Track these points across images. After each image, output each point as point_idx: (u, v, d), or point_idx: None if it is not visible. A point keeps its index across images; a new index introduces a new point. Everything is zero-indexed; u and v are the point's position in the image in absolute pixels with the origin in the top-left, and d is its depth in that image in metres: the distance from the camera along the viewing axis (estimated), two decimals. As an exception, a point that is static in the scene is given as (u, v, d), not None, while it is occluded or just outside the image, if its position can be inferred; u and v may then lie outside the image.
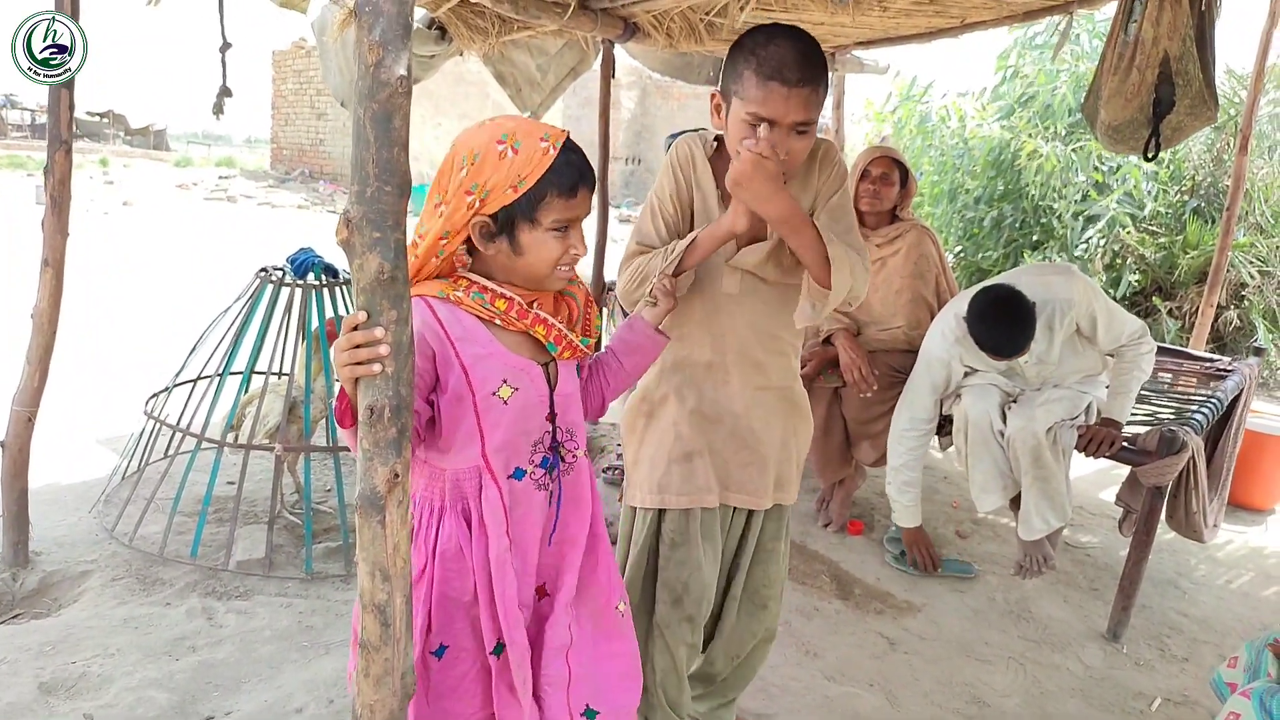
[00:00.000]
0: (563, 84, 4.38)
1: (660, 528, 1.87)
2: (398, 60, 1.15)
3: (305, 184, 15.88)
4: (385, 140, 1.15)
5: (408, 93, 1.16)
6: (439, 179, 1.38)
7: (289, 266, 3.07)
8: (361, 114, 1.15)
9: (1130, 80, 3.02)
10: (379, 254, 1.17)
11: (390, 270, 1.18)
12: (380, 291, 1.18)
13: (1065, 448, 2.96)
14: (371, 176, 1.16)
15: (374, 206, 1.17)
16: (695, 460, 1.83)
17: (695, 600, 1.87)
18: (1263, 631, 3.08)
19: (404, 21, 1.15)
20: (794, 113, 1.54)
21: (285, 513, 3.14)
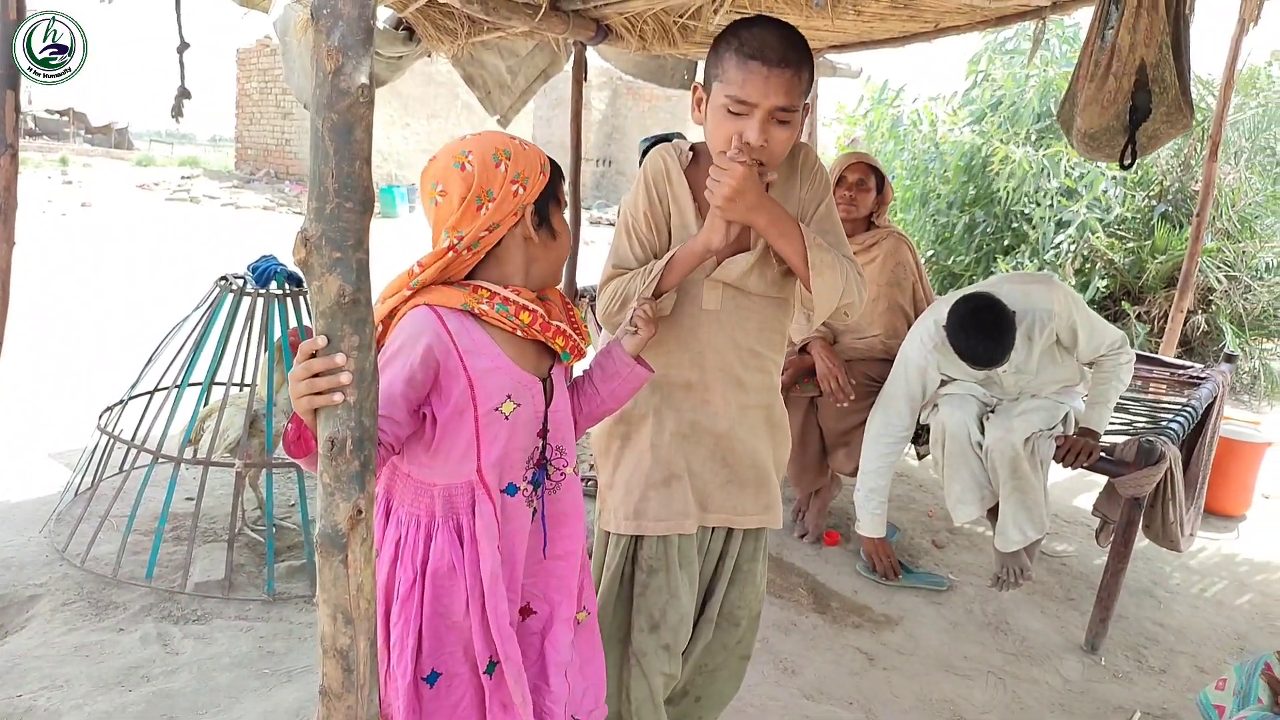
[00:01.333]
0: (533, 87, 4.30)
1: (636, 554, 1.80)
2: (358, 68, 1.07)
3: (271, 185, 15.63)
4: (345, 153, 1.07)
5: (369, 103, 1.08)
6: (469, 183, 1.33)
7: (250, 274, 2.97)
8: (320, 125, 1.07)
9: (1107, 87, 3.00)
10: (339, 275, 1.10)
11: (352, 293, 1.10)
12: (341, 315, 1.10)
13: (1043, 459, 2.93)
14: (331, 192, 1.08)
15: (334, 224, 1.09)
16: (674, 484, 1.76)
17: (672, 628, 1.81)
18: (1239, 642, 3.10)
19: (365, 26, 1.08)
20: (774, 95, 1.48)
21: (246, 530, 3.03)
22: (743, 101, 1.49)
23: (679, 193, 1.69)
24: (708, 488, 1.80)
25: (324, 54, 1.06)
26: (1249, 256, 5.82)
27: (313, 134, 1.08)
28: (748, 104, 1.49)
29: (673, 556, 1.77)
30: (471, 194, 1.33)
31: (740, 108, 1.50)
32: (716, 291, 1.70)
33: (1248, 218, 5.80)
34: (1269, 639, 3.10)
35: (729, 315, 1.71)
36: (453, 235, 1.33)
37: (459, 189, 1.33)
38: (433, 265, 1.32)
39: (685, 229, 1.69)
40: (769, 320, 1.76)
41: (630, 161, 16.74)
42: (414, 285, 1.32)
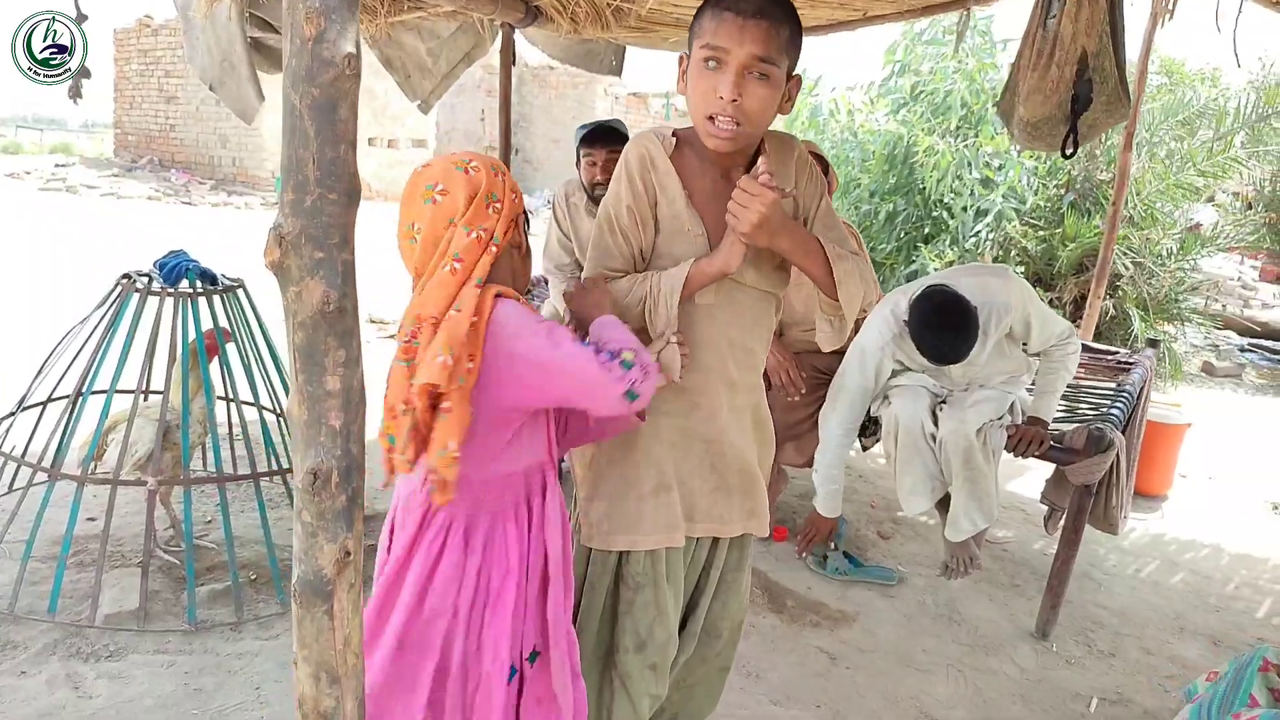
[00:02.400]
0: (456, 71, 4.09)
1: (621, 570, 1.68)
2: (344, 34, 0.91)
3: (155, 173, 14.73)
4: (329, 135, 0.91)
5: (356, 75, 0.92)
6: (475, 185, 1.34)
7: (158, 272, 2.70)
8: (297, 102, 0.90)
9: (1049, 76, 3.01)
10: (322, 279, 0.94)
11: (338, 299, 0.94)
12: (325, 326, 0.94)
13: (995, 448, 2.92)
14: (312, 181, 0.92)
15: (316, 219, 0.93)
16: (662, 494, 1.64)
17: (660, 647, 1.69)
18: (1178, 622, 3.17)
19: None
20: (749, 43, 1.39)
21: (160, 551, 2.77)
22: (716, 48, 1.41)
23: (667, 181, 1.56)
24: (695, 496, 1.69)
25: (301, 17, 0.90)
26: (1153, 243, 6.05)
27: (288, 113, 0.92)
28: (721, 50, 1.41)
29: (660, 572, 1.66)
30: (480, 194, 1.33)
31: (715, 54, 1.41)
32: (711, 284, 1.57)
33: (1151, 206, 6.03)
34: (1205, 617, 3.18)
35: (723, 310, 1.59)
36: (475, 229, 1.31)
37: (465, 189, 1.32)
38: (480, 262, 1.31)
39: (676, 219, 1.56)
40: (761, 315, 1.66)
41: (537, 150, 16.48)
42: (481, 283, 1.30)
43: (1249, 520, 4.18)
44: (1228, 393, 6.32)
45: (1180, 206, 6.18)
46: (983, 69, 5.89)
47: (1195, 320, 6.44)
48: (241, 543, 2.90)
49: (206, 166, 14.71)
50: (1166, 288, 6.00)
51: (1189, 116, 6.52)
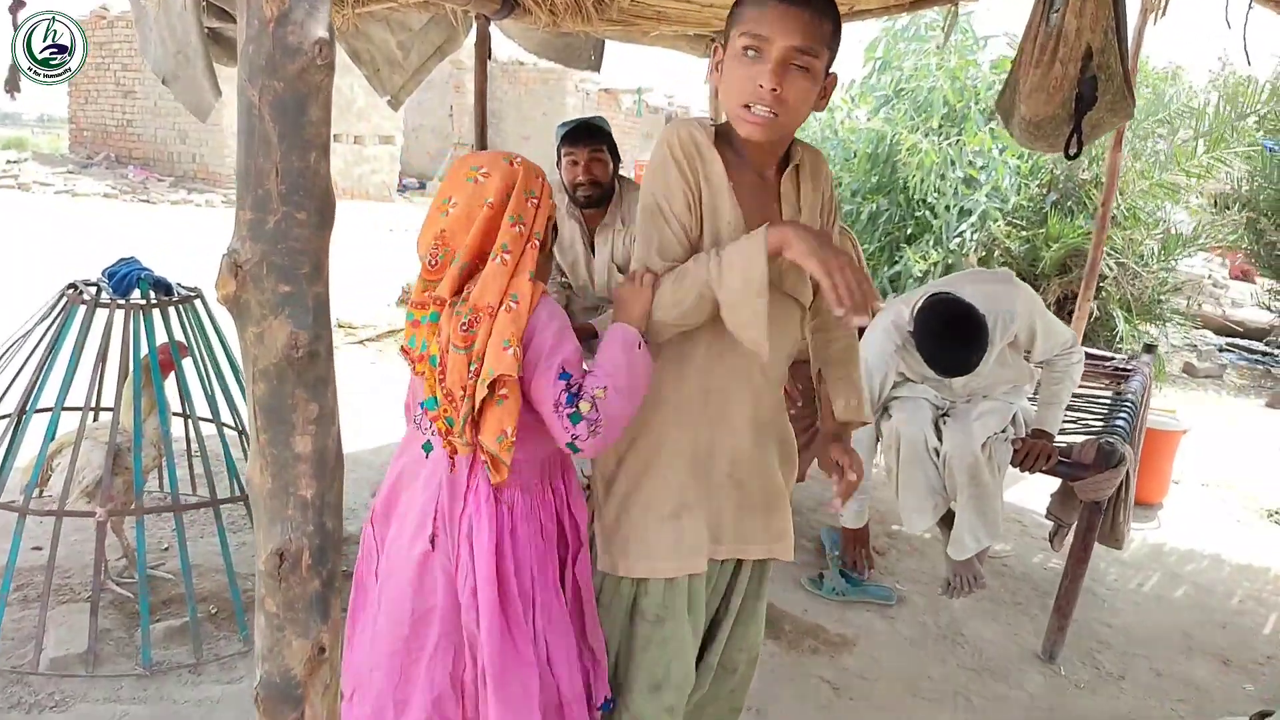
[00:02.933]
0: (428, 65, 3.88)
1: (637, 601, 1.54)
2: (313, 14, 0.74)
3: (111, 170, 14.28)
4: (295, 140, 0.74)
5: (329, 66, 0.75)
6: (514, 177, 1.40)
7: (106, 281, 2.49)
8: (255, 99, 0.73)
9: (1052, 74, 2.88)
10: (289, 318, 0.76)
11: (308, 342, 0.77)
12: (293, 377, 0.77)
13: (1000, 463, 2.80)
14: (275, 197, 0.74)
15: (280, 244, 0.75)
16: (684, 516, 1.51)
17: (677, 687, 1.56)
18: (1186, 640, 3.07)
19: (324, -47, 0.74)
20: (792, 33, 1.30)
21: (111, 584, 2.56)
22: (757, 36, 1.31)
23: (712, 170, 1.42)
24: (719, 515, 1.56)
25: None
26: (1136, 244, 5.99)
27: (244, 112, 0.74)
28: (763, 39, 1.31)
29: (681, 605, 1.53)
30: (519, 186, 1.38)
31: (756, 43, 1.32)
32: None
33: (1134, 206, 5.96)
34: (1212, 634, 3.08)
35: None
36: (518, 222, 1.37)
37: (505, 177, 1.38)
38: (526, 254, 1.38)
39: (716, 212, 1.43)
40: (791, 323, 1.56)
41: (509, 146, 16.20)
42: (533, 275, 1.37)
43: (1245, 529, 4.11)
44: (1210, 394, 6.29)
45: (1163, 207, 6.12)
46: (965, 66, 5.79)
47: (1176, 321, 6.40)
48: (201, 572, 2.70)
49: (165, 163, 14.30)
50: (1150, 289, 5.94)
51: (1169, 115, 6.47)
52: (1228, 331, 7.91)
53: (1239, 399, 6.28)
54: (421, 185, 15.97)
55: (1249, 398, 6.35)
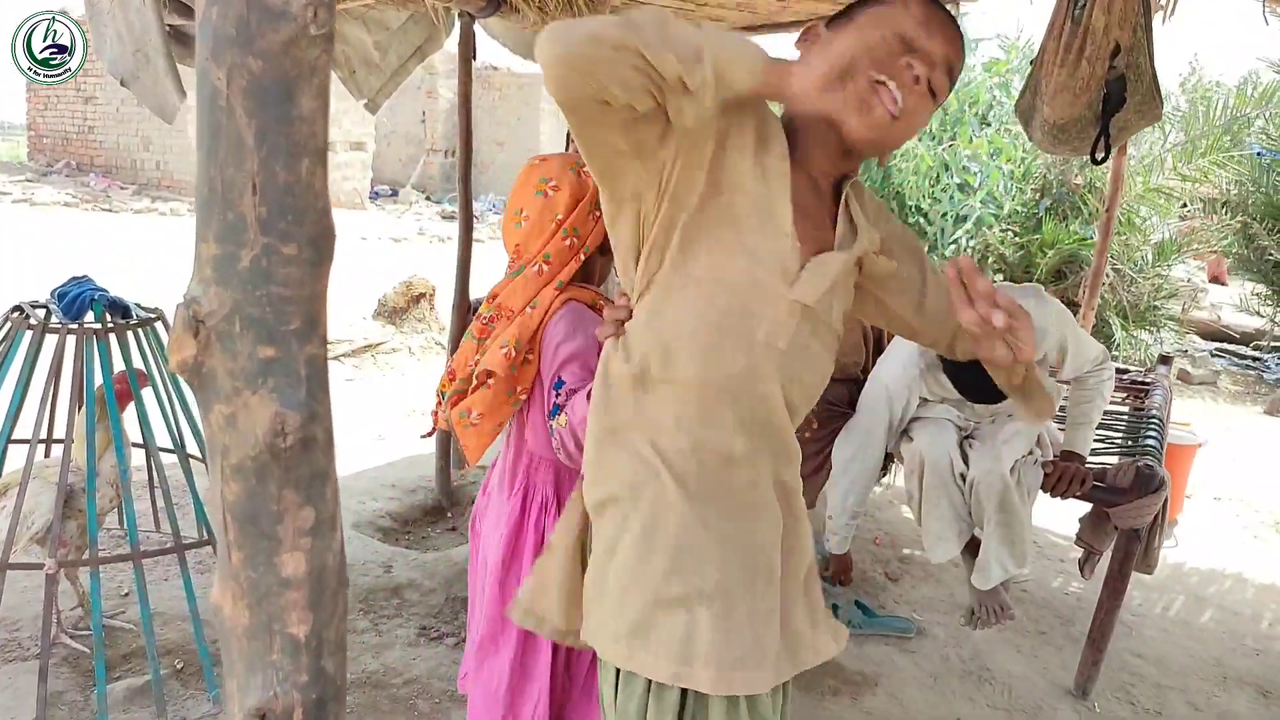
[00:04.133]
0: (407, 66, 3.66)
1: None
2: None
3: (72, 178, 13.84)
4: (281, 142, 0.53)
5: (327, 37, 0.53)
6: (582, 190, 1.45)
7: (56, 303, 2.24)
8: (222, 84, 0.51)
9: (1079, 73, 2.71)
10: (273, 394, 0.55)
11: (300, 426, 0.56)
12: (279, 473, 0.55)
13: (1030, 488, 2.62)
14: (251, 223, 0.54)
15: (259, 290, 0.54)
16: (695, 608, 1.15)
17: None
18: (1219, 670, 2.90)
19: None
20: (953, 48, 1.13)
21: (65, 638, 2.31)
22: (914, 39, 1.10)
23: (774, 145, 1.15)
24: (732, 619, 1.17)
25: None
26: (1132, 250, 5.88)
27: (206, 103, 0.52)
28: (920, 42, 1.10)
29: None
30: (587, 199, 1.42)
31: (907, 45, 1.10)
32: (790, 322, 1.14)
33: (1131, 212, 5.86)
34: (1246, 662, 2.93)
35: (796, 358, 1.16)
36: (572, 236, 1.43)
37: (573, 191, 1.43)
38: (568, 266, 1.44)
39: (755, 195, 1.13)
40: (826, 368, 1.24)
41: (481, 152, 15.91)
42: (560, 285, 1.43)
43: (1263, 545, 3.97)
44: (1207, 403, 6.19)
45: (1157, 211, 6.02)
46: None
47: (1170, 326, 6.30)
48: (164, 620, 2.46)
49: (128, 171, 13.89)
50: (1146, 295, 5.84)
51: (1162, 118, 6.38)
52: (1215, 336, 7.84)
53: (1236, 406, 6.19)
54: (394, 193, 15.64)
55: (1245, 404, 6.26)
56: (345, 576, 0.59)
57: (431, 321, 5.69)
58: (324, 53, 0.52)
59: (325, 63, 0.53)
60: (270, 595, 0.56)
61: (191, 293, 0.54)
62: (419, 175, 16.26)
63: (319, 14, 0.51)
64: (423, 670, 2.42)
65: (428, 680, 2.38)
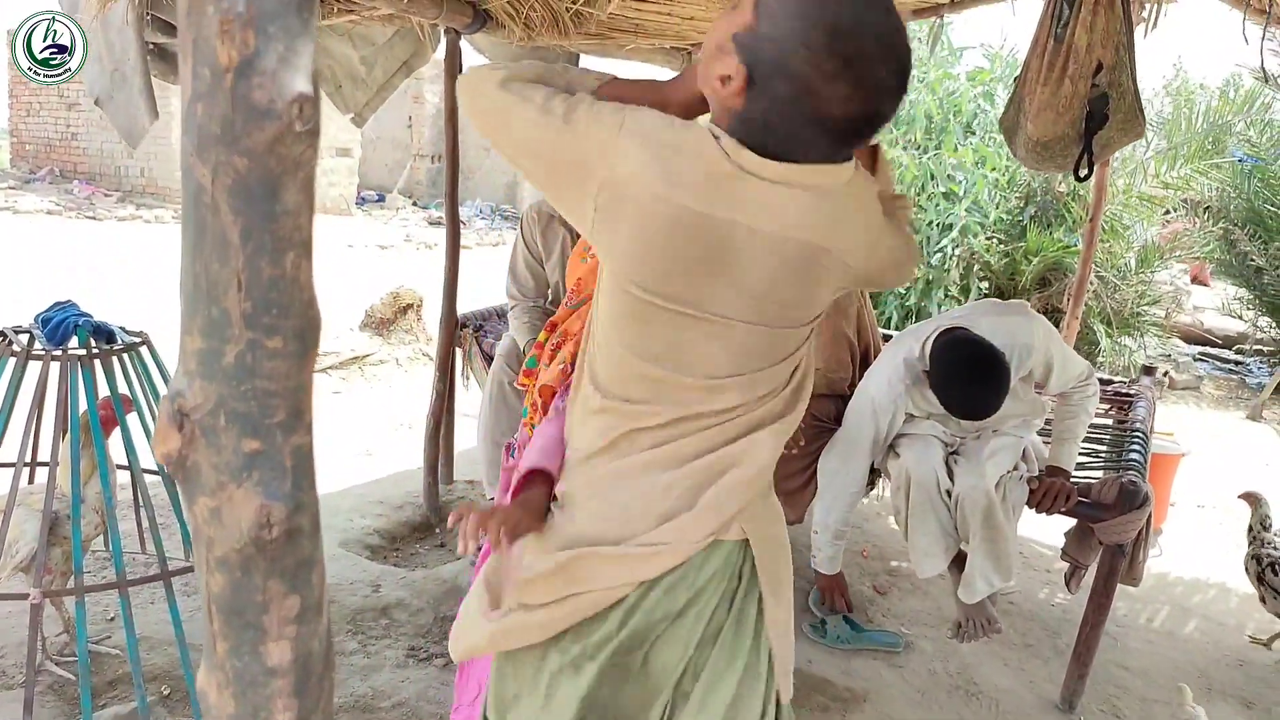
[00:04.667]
0: (393, 80, 3.65)
1: None
2: (290, 60, 0.53)
3: (56, 185, 13.74)
4: (268, 239, 0.53)
5: (313, 133, 0.53)
6: None
7: (40, 328, 2.23)
8: (208, 181, 0.52)
9: (1062, 92, 2.74)
10: (258, 486, 0.55)
11: (285, 518, 0.56)
12: (264, 565, 0.56)
13: (1015, 504, 2.65)
14: (237, 319, 0.53)
15: (244, 384, 0.54)
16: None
17: None
18: (1203, 680, 2.92)
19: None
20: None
21: (50, 664, 2.30)
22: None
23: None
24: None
25: (214, 31, 0.51)
26: (1115, 257, 5.93)
27: (191, 197, 0.52)
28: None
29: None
30: None
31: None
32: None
33: (1114, 219, 5.90)
34: (1229, 674, 2.95)
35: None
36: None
37: None
38: None
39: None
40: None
41: (469, 157, 15.88)
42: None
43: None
44: (1190, 408, 6.23)
45: (1141, 219, 6.07)
46: (942, 79, 5.67)
47: (1154, 332, 6.35)
48: (151, 645, 2.45)
49: (112, 178, 13.80)
50: (1130, 301, 5.88)
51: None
52: (1198, 340, 7.91)
53: (1219, 411, 6.24)
54: (380, 198, 15.60)
55: (1228, 410, 6.31)
56: (332, 659, 0.59)
57: (419, 332, 5.67)
58: (309, 148, 0.52)
59: (311, 157, 0.53)
60: (255, 684, 0.56)
61: (176, 386, 0.54)
62: (406, 180, 16.22)
63: (304, 111, 0.51)
64: (411, 693, 2.42)
65: (416, 703, 2.38)
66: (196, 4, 0.50)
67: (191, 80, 0.50)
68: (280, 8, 0.49)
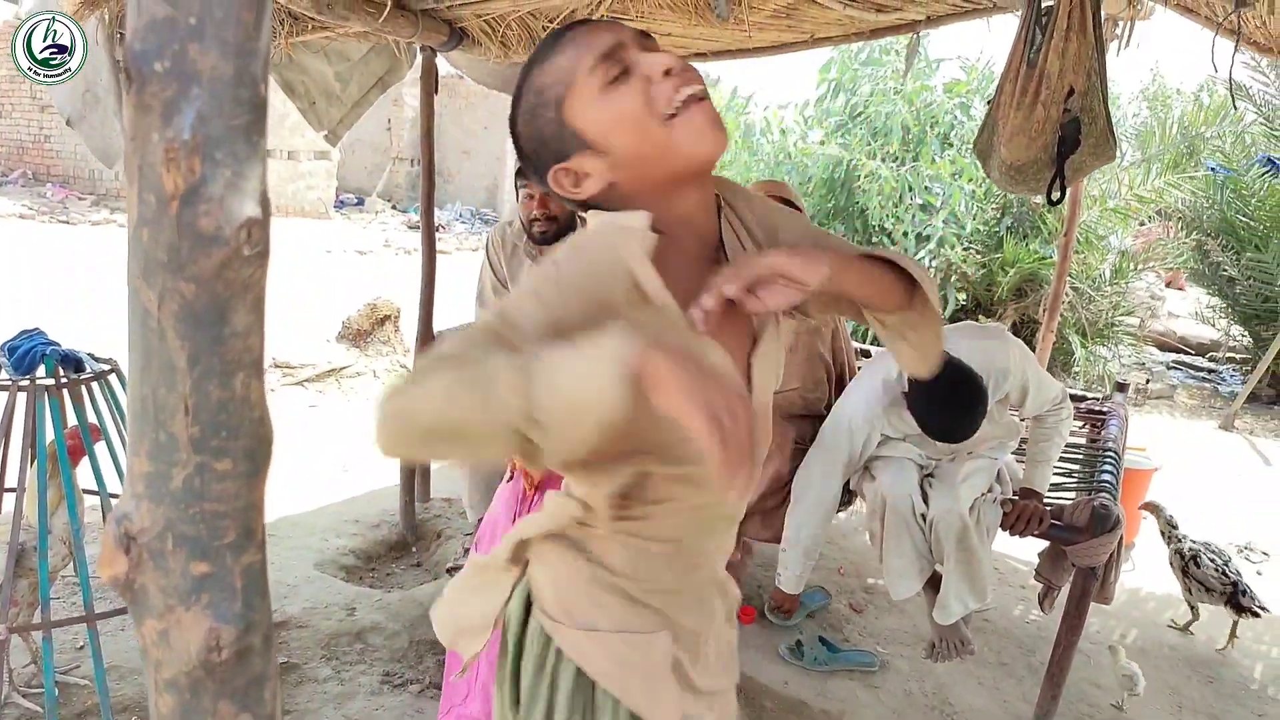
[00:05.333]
0: (368, 97, 3.64)
1: None
2: (239, 185, 0.53)
3: (28, 188, 13.57)
4: (215, 363, 0.52)
5: (262, 255, 0.53)
6: None
7: (7, 358, 2.19)
8: (153, 307, 0.51)
9: (1035, 116, 2.75)
10: (207, 609, 0.55)
11: (235, 639, 0.55)
12: (214, 687, 0.55)
13: (989, 526, 2.67)
14: (184, 443, 0.52)
15: (192, 507, 0.53)
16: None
17: None
18: (1175, 698, 2.96)
19: (252, 93, 0.53)
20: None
21: (18, 696, 2.26)
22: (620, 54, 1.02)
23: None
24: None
25: (159, 158, 0.50)
26: (1090, 268, 5.98)
27: (136, 323, 0.52)
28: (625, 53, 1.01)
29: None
30: None
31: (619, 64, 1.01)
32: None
33: (1089, 231, 5.96)
34: (1200, 691, 2.98)
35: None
36: None
37: None
38: None
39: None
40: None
41: (448, 162, 15.84)
42: None
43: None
44: (1164, 418, 6.29)
45: (1114, 232, 6.13)
46: (920, 91, 5.71)
47: (1127, 341, 6.41)
48: (120, 674, 2.42)
49: (86, 181, 13.64)
50: (1104, 312, 5.94)
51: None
52: (1171, 348, 8.00)
53: (1192, 421, 6.30)
54: (359, 201, 15.52)
55: (1201, 419, 6.38)
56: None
57: (397, 344, 5.64)
58: (259, 269, 0.52)
59: (261, 278, 0.52)
60: (207, 803, 0.55)
61: (123, 509, 0.53)
62: (385, 183, 16.15)
63: (253, 235, 0.50)
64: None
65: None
66: (141, 130, 0.49)
67: (137, 205, 0.50)
68: (228, 133, 0.48)
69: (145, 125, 0.50)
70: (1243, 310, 6.97)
